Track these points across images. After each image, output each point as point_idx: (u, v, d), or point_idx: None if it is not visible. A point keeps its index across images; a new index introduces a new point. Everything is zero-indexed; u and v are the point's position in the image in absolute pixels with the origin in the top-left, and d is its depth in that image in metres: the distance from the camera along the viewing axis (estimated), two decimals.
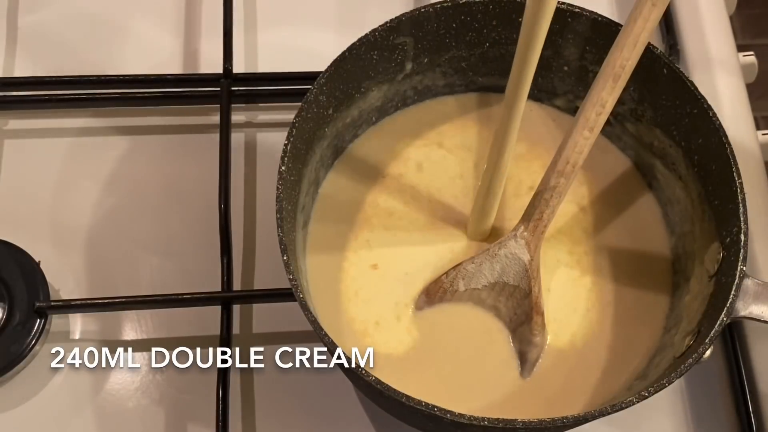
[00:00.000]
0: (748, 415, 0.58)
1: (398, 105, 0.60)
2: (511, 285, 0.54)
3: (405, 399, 0.45)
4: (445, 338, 0.54)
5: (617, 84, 0.50)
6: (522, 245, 0.53)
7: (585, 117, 0.51)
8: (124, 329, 0.60)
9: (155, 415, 0.57)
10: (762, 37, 1.46)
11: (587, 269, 0.57)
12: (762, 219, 0.63)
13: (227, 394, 0.56)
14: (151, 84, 0.67)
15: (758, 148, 0.66)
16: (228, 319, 0.58)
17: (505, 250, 0.54)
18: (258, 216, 0.64)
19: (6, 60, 0.69)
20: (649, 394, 0.46)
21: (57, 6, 0.71)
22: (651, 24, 0.49)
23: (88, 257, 0.62)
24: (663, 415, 0.59)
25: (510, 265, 0.54)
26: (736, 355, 0.59)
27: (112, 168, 0.65)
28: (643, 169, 0.60)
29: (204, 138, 0.67)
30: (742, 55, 0.71)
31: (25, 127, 0.67)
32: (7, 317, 0.57)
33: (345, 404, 0.58)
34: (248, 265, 0.62)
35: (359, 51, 0.54)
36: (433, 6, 0.55)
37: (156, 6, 0.71)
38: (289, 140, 0.51)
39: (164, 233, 0.63)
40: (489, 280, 0.54)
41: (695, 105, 0.53)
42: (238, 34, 0.68)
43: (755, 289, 0.49)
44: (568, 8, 0.55)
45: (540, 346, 0.53)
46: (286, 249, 0.48)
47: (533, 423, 0.45)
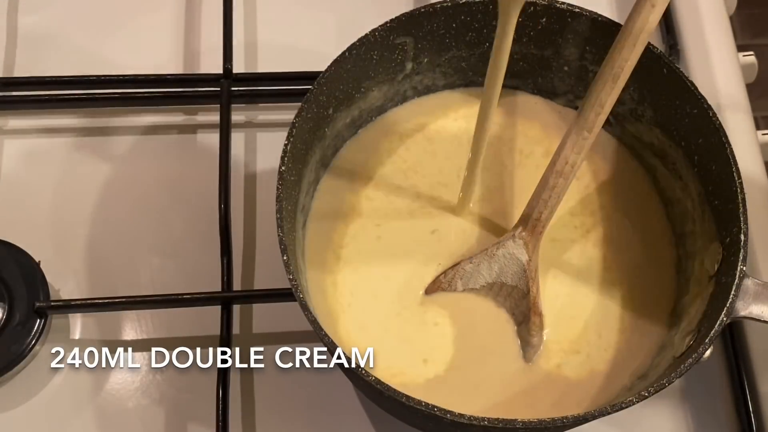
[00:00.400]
0: (748, 415, 0.58)
1: (398, 105, 0.60)
2: (510, 285, 0.54)
3: (405, 399, 0.45)
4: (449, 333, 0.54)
5: (616, 84, 0.50)
6: (520, 245, 0.53)
7: (584, 117, 0.51)
8: (124, 329, 0.60)
9: (155, 415, 0.57)
10: (762, 37, 1.46)
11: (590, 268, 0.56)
12: (762, 219, 0.63)
13: (227, 394, 0.56)
14: (151, 84, 0.67)
15: (758, 148, 0.66)
16: (228, 319, 0.58)
17: (503, 250, 0.54)
18: (258, 216, 0.64)
19: (6, 60, 0.69)
20: (649, 394, 0.46)
21: (57, 6, 0.71)
22: (650, 25, 0.49)
23: (88, 257, 0.62)
24: (663, 415, 0.59)
25: (508, 265, 0.54)
26: (736, 355, 0.59)
27: (112, 168, 0.65)
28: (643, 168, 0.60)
29: (204, 138, 0.67)
30: (742, 55, 0.71)
31: (25, 127, 0.67)
32: (7, 317, 0.57)
33: (345, 404, 0.58)
34: (248, 265, 0.62)
35: (359, 51, 0.54)
36: (433, 6, 0.55)
37: (156, 6, 0.71)
38: (289, 140, 0.51)
39: (164, 233, 0.63)
40: (487, 280, 0.54)
41: (695, 105, 0.53)
42: (238, 34, 0.68)
43: (755, 289, 0.49)
44: (568, 8, 0.55)
45: (537, 347, 0.53)
46: (286, 249, 0.48)
47: (533, 423, 0.45)
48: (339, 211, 0.57)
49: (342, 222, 0.57)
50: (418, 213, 0.58)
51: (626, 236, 0.58)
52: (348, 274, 0.55)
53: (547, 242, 0.55)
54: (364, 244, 0.56)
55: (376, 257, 0.56)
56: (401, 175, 0.59)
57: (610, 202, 0.59)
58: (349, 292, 0.55)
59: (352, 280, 0.55)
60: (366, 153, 0.59)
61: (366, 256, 0.56)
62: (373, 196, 0.58)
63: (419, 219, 0.57)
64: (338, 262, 0.55)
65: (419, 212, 0.58)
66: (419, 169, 0.59)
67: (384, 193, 0.58)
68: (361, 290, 0.55)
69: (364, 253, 0.56)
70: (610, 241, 0.57)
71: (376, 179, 0.58)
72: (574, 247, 0.57)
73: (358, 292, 0.55)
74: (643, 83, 0.56)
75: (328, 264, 0.55)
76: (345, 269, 0.55)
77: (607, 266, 0.57)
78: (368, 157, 0.59)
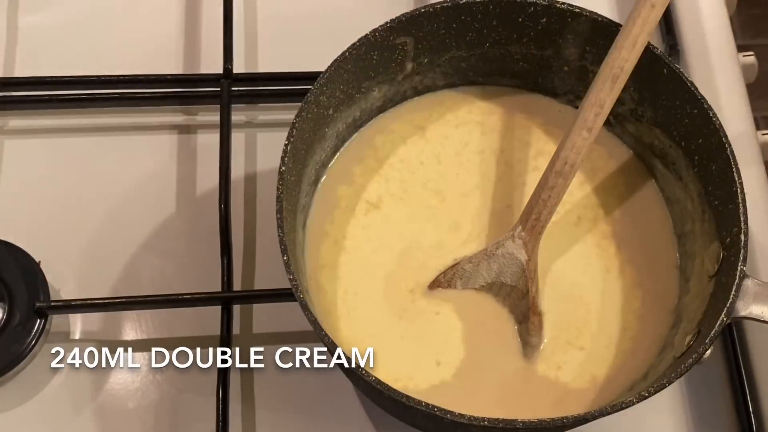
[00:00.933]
0: (748, 415, 0.58)
1: (398, 104, 0.60)
2: (509, 285, 0.54)
3: (405, 399, 0.45)
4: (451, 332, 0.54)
5: (616, 84, 0.50)
6: (519, 245, 0.53)
7: (583, 117, 0.51)
8: (124, 329, 0.60)
9: (155, 415, 0.57)
10: (762, 37, 1.46)
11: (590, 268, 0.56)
12: (762, 219, 0.63)
13: (227, 394, 0.56)
14: (151, 84, 0.67)
15: (758, 148, 0.67)
16: (228, 319, 0.58)
17: (502, 250, 0.54)
18: (258, 216, 0.64)
19: (6, 60, 0.69)
20: (649, 394, 0.46)
21: (57, 6, 0.71)
22: (649, 26, 0.49)
23: (88, 257, 0.62)
24: (663, 415, 0.59)
25: (507, 265, 0.54)
26: (736, 355, 0.59)
27: (112, 168, 0.65)
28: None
29: (204, 138, 0.67)
30: (742, 55, 0.71)
31: (25, 127, 0.67)
32: (7, 317, 0.57)
33: (345, 404, 0.58)
34: (248, 265, 0.62)
35: (359, 51, 0.54)
36: (433, 6, 0.55)
37: (156, 6, 0.71)
38: (289, 140, 0.51)
39: (164, 233, 0.63)
40: (486, 280, 0.54)
41: (695, 105, 0.53)
42: (238, 34, 0.68)
43: (755, 289, 0.49)
44: (568, 8, 0.55)
45: (536, 346, 0.53)
46: (286, 249, 0.48)
47: (533, 423, 0.45)
48: (339, 211, 0.57)
49: (342, 222, 0.57)
50: (419, 213, 0.58)
51: (626, 236, 0.58)
52: (349, 273, 0.55)
53: (547, 242, 0.55)
54: (365, 244, 0.56)
55: (377, 257, 0.56)
56: (402, 175, 0.59)
57: (610, 202, 0.59)
58: (350, 292, 0.55)
59: (352, 279, 0.55)
60: (366, 153, 0.59)
61: (367, 256, 0.56)
62: (373, 197, 0.58)
63: (420, 219, 0.57)
64: (339, 262, 0.55)
65: (420, 212, 0.58)
66: (419, 170, 0.59)
67: (385, 194, 0.58)
68: (361, 290, 0.55)
69: (365, 253, 0.56)
70: (611, 241, 0.57)
71: (376, 179, 0.58)
72: (574, 247, 0.57)
73: (358, 291, 0.55)
74: (643, 83, 0.56)
75: (328, 264, 0.55)
76: (346, 269, 0.55)
77: (607, 266, 0.57)
78: (369, 157, 0.59)
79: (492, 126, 0.60)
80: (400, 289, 0.55)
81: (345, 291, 0.55)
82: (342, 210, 0.57)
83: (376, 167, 0.59)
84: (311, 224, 0.56)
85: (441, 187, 0.58)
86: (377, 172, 0.59)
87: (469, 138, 0.60)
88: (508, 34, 0.57)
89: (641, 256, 0.57)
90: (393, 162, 0.59)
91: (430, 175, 0.59)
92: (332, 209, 0.57)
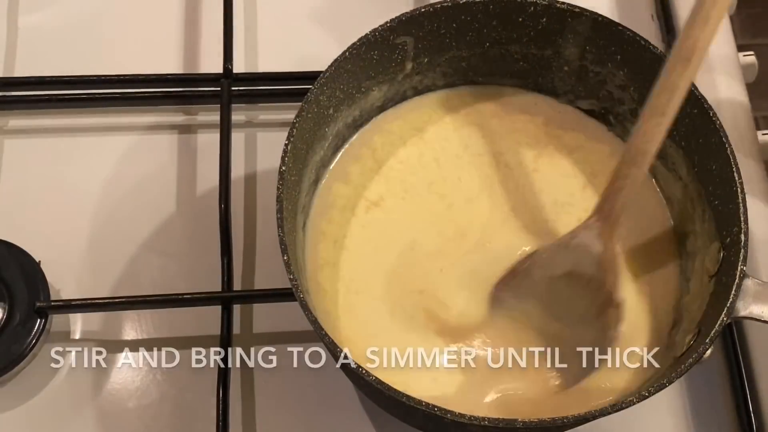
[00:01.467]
0: (748, 415, 0.58)
1: (398, 104, 0.60)
2: (587, 276, 0.53)
3: (405, 399, 0.45)
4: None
5: (689, 67, 0.48)
6: (595, 235, 0.52)
7: (653, 104, 0.49)
8: (124, 329, 0.60)
9: (155, 415, 0.57)
10: (762, 37, 1.46)
11: None
12: (762, 219, 0.63)
13: (227, 393, 0.56)
14: (151, 84, 0.67)
15: (758, 148, 0.66)
16: (228, 319, 0.58)
17: (577, 240, 0.52)
18: (258, 216, 0.64)
19: (6, 60, 0.69)
20: (649, 394, 0.46)
21: (57, 6, 0.71)
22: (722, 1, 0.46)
23: (88, 257, 0.62)
24: (663, 415, 0.59)
25: (583, 256, 0.52)
26: (736, 355, 0.59)
27: (112, 168, 0.65)
28: None
29: (204, 138, 0.67)
30: (742, 55, 0.71)
31: (25, 127, 0.67)
32: (7, 317, 0.57)
33: (345, 404, 0.58)
34: (248, 265, 0.62)
35: (359, 51, 0.54)
36: (433, 6, 0.55)
37: (156, 6, 0.71)
38: (289, 140, 0.51)
39: (164, 233, 0.63)
40: (564, 270, 0.53)
41: (695, 105, 0.53)
42: (238, 34, 0.68)
43: (755, 289, 0.49)
44: (568, 8, 0.55)
45: (613, 339, 0.52)
46: (286, 249, 0.48)
47: (533, 423, 0.45)
48: (339, 211, 0.57)
49: (343, 222, 0.57)
50: (419, 213, 0.57)
51: (627, 236, 0.57)
52: (349, 273, 0.55)
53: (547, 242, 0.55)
54: (366, 244, 0.56)
55: (377, 257, 0.56)
56: (402, 175, 0.59)
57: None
58: (350, 292, 0.55)
59: (353, 279, 0.55)
60: (367, 153, 0.59)
61: (367, 255, 0.56)
62: (374, 196, 0.58)
63: (420, 219, 0.57)
64: (339, 261, 0.55)
65: (420, 212, 0.58)
66: (419, 170, 0.59)
67: (385, 194, 0.58)
68: (362, 290, 0.55)
69: (366, 253, 0.56)
70: (619, 241, 0.57)
71: (377, 179, 0.58)
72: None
73: (359, 291, 0.55)
74: (643, 83, 0.56)
75: (328, 263, 0.55)
76: (346, 268, 0.55)
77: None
78: (369, 157, 0.59)
79: (492, 127, 0.60)
80: (401, 289, 0.55)
81: (345, 290, 0.55)
82: (342, 209, 0.57)
83: (376, 167, 0.59)
84: (311, 224, 0.56)
85: (441, 188, 0.58)
86: (378, 172, 0.59)
87: (468, 140, 0.60)
88: (508, 34, 0.57)
89: (641, 256, 0.57)
90: (394, 163, 0.59)
91: (430, 176, 0.59)
92: (332, 209, 0.57)
